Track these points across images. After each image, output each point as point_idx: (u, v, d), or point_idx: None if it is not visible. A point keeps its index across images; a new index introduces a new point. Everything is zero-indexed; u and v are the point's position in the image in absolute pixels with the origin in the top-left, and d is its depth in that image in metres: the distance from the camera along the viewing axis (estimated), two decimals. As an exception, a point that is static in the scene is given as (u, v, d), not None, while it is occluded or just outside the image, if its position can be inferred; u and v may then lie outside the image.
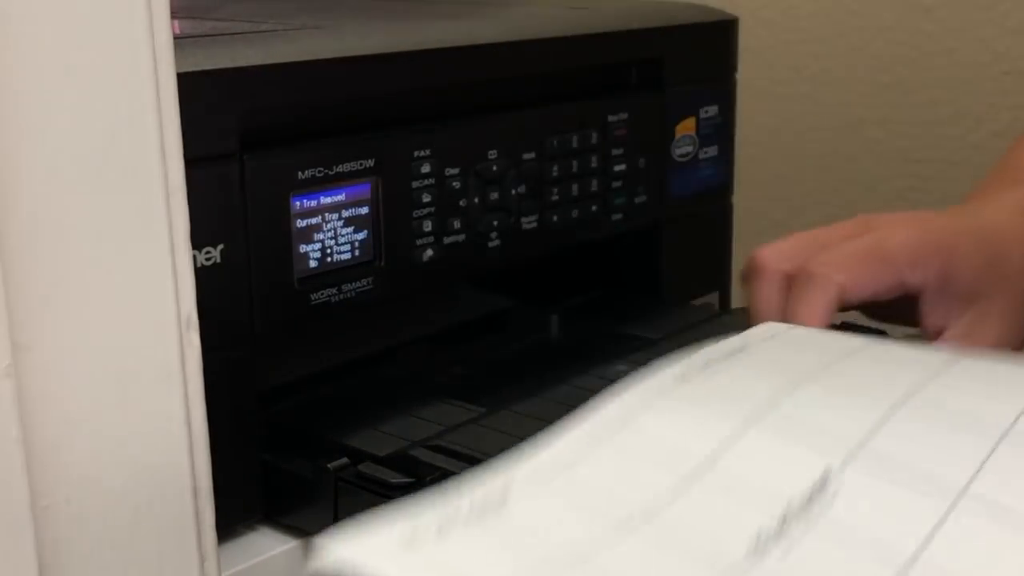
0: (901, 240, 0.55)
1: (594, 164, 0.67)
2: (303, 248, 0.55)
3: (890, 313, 0.59)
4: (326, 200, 0.55)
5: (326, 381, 0.62)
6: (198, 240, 0.47)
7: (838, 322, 0.66)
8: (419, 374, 0.65)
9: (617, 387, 0.44)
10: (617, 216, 0.69)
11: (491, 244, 0.63)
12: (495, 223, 0.62)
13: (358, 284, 0.57)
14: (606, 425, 0.42)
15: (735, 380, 0.46)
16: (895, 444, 0.41)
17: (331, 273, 0.56)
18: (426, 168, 0.59)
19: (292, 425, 0.58)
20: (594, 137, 0.67)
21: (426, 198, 0.59)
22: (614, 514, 0.37)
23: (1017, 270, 0.58)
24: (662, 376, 0.45)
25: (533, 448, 0.40)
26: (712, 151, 0.75)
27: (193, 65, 0.49)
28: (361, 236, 0.57)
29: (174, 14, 0.42)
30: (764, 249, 0.57)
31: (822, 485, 0.39)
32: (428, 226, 0.59)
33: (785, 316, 0.55)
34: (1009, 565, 0.36)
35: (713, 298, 0.78)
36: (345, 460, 0.53)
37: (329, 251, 0.56)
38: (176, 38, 0.42)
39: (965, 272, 0.56)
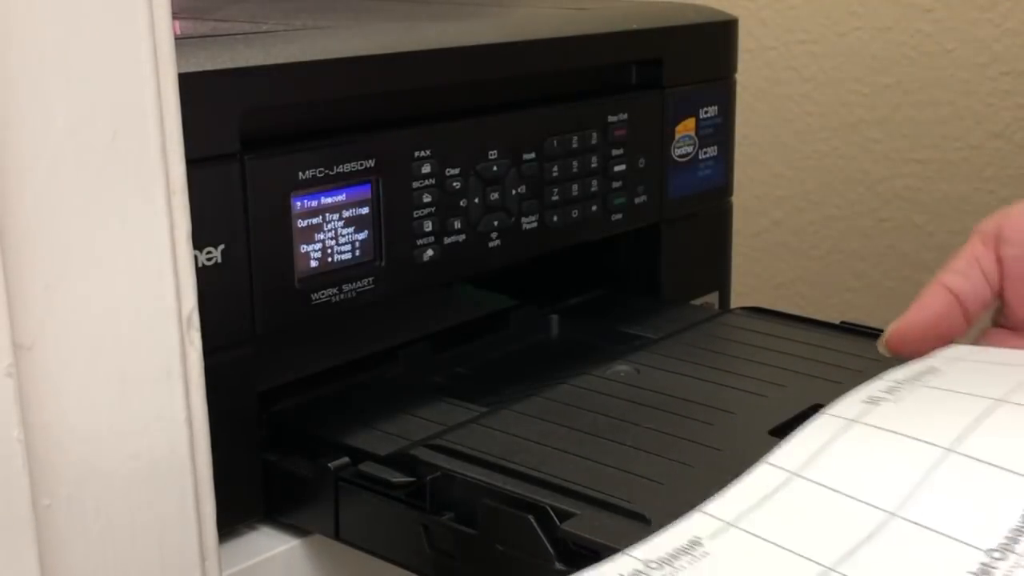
0: None
1: (594, 164, 0.67)
2: (304, 248, 0.55)
3: None
4: (327, 200, 0.55)
5: (326, 381, 0.62)
6: (199, 240, 0.47)
7: (837, 322, 0.66)
8: (419, 374, 0.65)
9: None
10: (617, 216, 0.69)
11: (491, 244, 0.63)
12: (495, 223, 0.62)
13: (358, 284, 0.57)
14: (794, 461, 0.43)
15: (923, 407, 0.46)
16: None
17: (332, 273, 0.56)
18: (426, 168, 0.59)
19: (292, 425, 0.58)
20: (594, 137, 0.67)
21: (426, 198, 0.59)
22: (813, 555, 0.38)
23: None
24: (849, 402, 0.46)
25: (719, 495, 0.41)
26: (712, 151, 0.75)
27: (194, 65, 0.49)
28: (362, 236, 0.57)
29: (175, 15, 0.42)
30: None
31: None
32: (428, 226, 0.59)
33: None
34: None
35: (713, 298, 0.78)
36: (345, 459, 0.53)
37: (330, 251, 0.56)
38: (177, 38, 0.42)
39: None
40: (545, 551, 0.44)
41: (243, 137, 0.51)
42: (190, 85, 0.43)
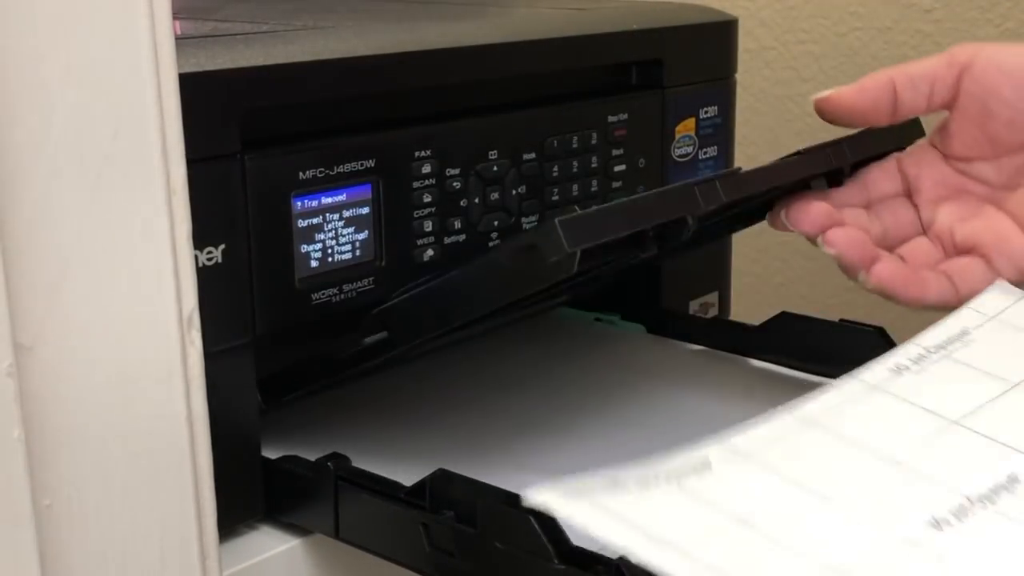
0: None
1: (594, 164, 0.67)
2: (304, 248, 0.55)
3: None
4: (327, 200, 0.55)
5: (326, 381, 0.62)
6: (200, 240, 0.47)
7: (837, 320, 0.66)
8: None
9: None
10: (617, 216, 0.69)
11: (491, 244, 0.63)
12: (495, 223, 0.62)
13: (359, 284, 0.57)
14: (815, 413, 0.47)
15: (947, 383, 0.49)
16: None
17: (332, 273, 0.56)
18: (426, 168, 0.59)
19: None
20: (594, 137, 0.67)
21: (427, 198, 0.59)
22: (813, 487, 0.42)
23: None
24: (876, 369, 0.50)
25: (736, 430, 0.45)
26: (712, 151, 0.75)
27: (194, 66, 0.49)
28: (362, 236, 0.57)
29: (175, 15, 0.42)
30: None
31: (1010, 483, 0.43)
32: (429, 226, 0.59)
33: None
34: None
35: (713, 298, 0.78)
36: (346, 459, 0.53)
37: (330, 251, 0.56)
38: (177, 39, 0.42)
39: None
40: (545, 550, 0.44)
41: (243, 137, 0.51)
42: (190, 85, 0.43)
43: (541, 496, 0.39)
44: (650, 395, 0.63)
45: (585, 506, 0.39)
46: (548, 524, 0.44)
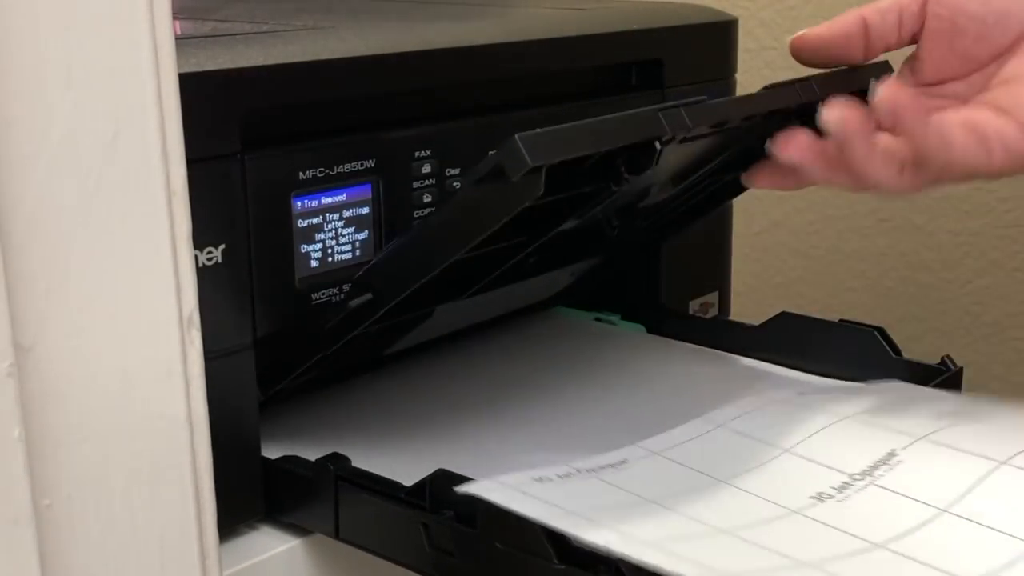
0: None
1: (594, 164, 0.67)
2: (304, 248, 0.55)
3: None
4: (327, 200, 0.55)
5: (326, 381, 0.62)
6: (199, 240, 0.47)
7: (837, 320, 0.66)
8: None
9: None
10: (617, 216, 0.69)
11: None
12: (495, 223, 0.62)
13: (359, 284, 0.57)
14: (713, 420, 0.54)
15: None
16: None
17: (332, 273, 0.56)
18: (426, 168, 0.59)
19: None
20: (594, 137, 0.67)
21: (426, 198, 0.59)
22: (717, 473, 0.49)
23: None
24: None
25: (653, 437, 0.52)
26: (712, 151, 0.75)
27: (194, 66, 0.49)
28: (362, 236, 0.57)
29: (175, 15, 0.42)
30: None
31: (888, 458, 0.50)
32: (428, 226, 0.59)
33: None
34: None
35: (713, 298, 0.78)
36: (346, 459, 0.53)
37: (330, 251, 0.56)
38: (177, 39, 0.42)
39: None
40: (545, 550, 0.44)
41: (243, 137, 0.51)
42: (190, 85, 0.43)
43: (473, 488, 0.45)
44: (650, 395, 0.63)
45: (508, 491, 0.44)
46: (548, 524, 0.44)
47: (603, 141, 0.48)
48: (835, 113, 0.54)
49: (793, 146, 0.56)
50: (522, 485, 0.45)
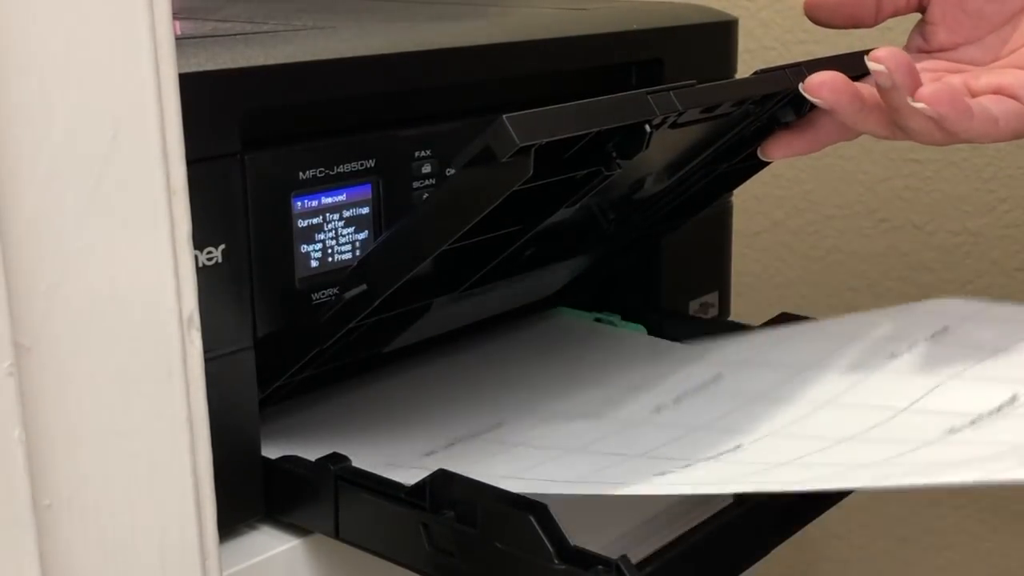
0: None
1: (594, 164, 0.67)
2: (304, 248, 0.55)
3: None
4: (327, 200, 0.55)
5: (326, 381, 0.62)
6: (199, 240, 0.47)
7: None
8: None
9: None
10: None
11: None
12: (495, 223, 0.62)
13: (359, 284, 0.57)
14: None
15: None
16: None
17: (332, 273, 0.56)
18: (426, 168, 0.59)
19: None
20: (594, 137, 0.67)
21: (426, 198, 0.59)
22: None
23: None
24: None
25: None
26: (712, 151, 0.75)
27: (194, 65, 0.49)
28: (362, 236, 0.57)
29: (175, 15, 0.42)
30: None
31: None
32: (428, 226, 0.59)
33: None
34: None
35: (713, 298, 0.78)
36: (346, 459, 0.53)
37: (330, 251, 0.56)
38: (177, 39, 0.42)
39: None
40: (545, 550, 0.44)
41: (243, 137, 0.51)
42: (190, 85, 0.43)
43: None
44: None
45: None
46: (548, 524, 0.44)
47: (592, 122, 0.48)
48: (887, 54, 0.53)
49: (828, 88, 0.55)
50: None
